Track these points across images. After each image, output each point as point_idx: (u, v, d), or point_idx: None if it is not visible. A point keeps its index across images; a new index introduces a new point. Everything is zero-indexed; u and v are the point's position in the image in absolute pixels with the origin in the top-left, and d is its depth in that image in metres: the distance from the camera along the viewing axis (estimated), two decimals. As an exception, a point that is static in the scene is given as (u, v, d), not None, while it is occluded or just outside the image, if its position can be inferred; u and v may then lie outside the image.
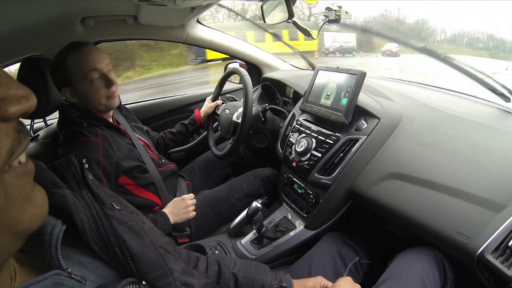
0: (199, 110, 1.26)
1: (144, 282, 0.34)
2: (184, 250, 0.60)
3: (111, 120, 0.96)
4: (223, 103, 1.27)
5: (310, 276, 0.70)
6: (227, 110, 1.19)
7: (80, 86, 0.84)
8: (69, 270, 0.30)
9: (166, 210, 0.93)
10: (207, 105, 1.26)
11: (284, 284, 0.58)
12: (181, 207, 0.94)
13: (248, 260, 0.68)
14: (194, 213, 0.96)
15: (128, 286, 0.33)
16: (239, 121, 1.06)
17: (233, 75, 1.34)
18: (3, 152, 0.22)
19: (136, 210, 0.51)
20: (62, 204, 0.33)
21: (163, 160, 1.08)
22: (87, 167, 0.78)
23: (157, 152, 1.10)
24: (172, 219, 0.92)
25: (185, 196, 0.97)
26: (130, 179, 0.91)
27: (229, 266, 0.59)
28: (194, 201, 0.98)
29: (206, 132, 1.33)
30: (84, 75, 0.82)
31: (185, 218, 0.94)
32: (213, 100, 1.27)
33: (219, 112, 1.24)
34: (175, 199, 0.97)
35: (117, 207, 0.40)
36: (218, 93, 1.26)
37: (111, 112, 0.96)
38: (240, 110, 1.10)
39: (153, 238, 0.41)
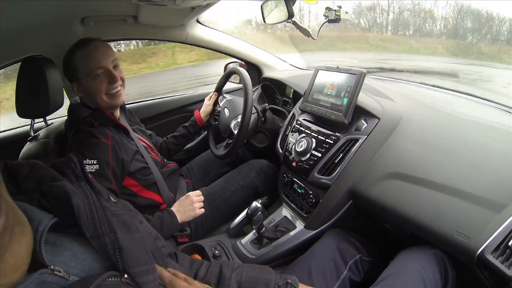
0: (199, 110, 1.26)
1: (126, 276, 0.35)
2: (188, 257, 0.60)
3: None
4: (222, 98, 1.26)
5: (310, 275, 0.69)
6: (226, 109, 1.19)
7: (85, 81, 0.86)
8: (51, 267, 0.31)
9: (172, 209, 0.93)
10: (206, 104, 1.26)
11: (289, 281, 0.58)
12: (186, 204, 0.93)
13: (252, 264, 0.67)
14: (202, 210, 0.94)
15: (109, 279, 0.33)
16: (235, 132, 1.05)
17: (233, 75, 1.34)
18: None
19: (135, 210, 0.51)
20: (61, 193, 0.34)
21: (165, 160, 1.09)
22: (97, 167, 0.79)
23: (159, 154, 1.10)
24: (179, 218, 0.90)
25: (190, 193, 0.95)
26: (135, 181, 0.92)
27: (232, 267, 0.58)
28: (201, 197, 0.96)
29: (206, 132, 1.33)
30: (89, 72, 0.85)
31: (192, 216, 0.93)
32: (216, 89, 1.25)
33: (220, 105, 1.23)
34: (181, 197, 0.96)
35: (113, 200, 0.41)
36: (223, 84, 1.26)
37: (117, 114, 0.96)
38: (239, 118, 1.09)
39: (145, 237, 0.41)
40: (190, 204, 0.93)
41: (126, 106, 1.06)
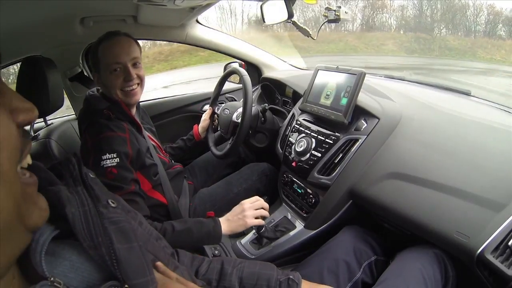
0: (198, 126, 1.25)
1: (126, 286, 0.34)
2: (188, 253, 0.59)
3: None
4: (217, 112, 1.27)
5: (321, 275, 0.68)
6: (226, 110, 1.19)
7: (103, 74, 0.88)
8: (51, 279, 0.30)
9: (223, 217, 0.86)
10: (202, 119, 1.25)
11: (291, 277, 0.57)
12: (236, 213, 0.85)
13: (255, 260, 0.67)
14: (255, 220, 0.84)
15: None
16: (239, 121, 1.06)
17: (232, 75, 1.34)
18: (17, 150, 0.28)
19: (134, 211, 0.51)
20: (56, 200, 0.34)
21: (172, 162, 1.10)
22: (118, 160, 0.79)
23: (168, 155, 1.11)
24: (226, 226, 0.83)
25: (245, 200, 0.87)
26: (145, 178, 0.91)
27: (234, 264, 0.58)
28: (258, 204, 0.86)
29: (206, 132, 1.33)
30: (107, 65, 0.86)
31: (242, 226, 0.83)
32: (212, 102, 1.26)
33: (218, 112, 1.24)
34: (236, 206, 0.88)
35: (112, 205, 0.40)
36: (218, 93, 1.27)
37: (134, 110, 0.97)
38: (240, 110, 1.10)
39: (144, 243, 0.40)
40: (240, 213, 0.84)
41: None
